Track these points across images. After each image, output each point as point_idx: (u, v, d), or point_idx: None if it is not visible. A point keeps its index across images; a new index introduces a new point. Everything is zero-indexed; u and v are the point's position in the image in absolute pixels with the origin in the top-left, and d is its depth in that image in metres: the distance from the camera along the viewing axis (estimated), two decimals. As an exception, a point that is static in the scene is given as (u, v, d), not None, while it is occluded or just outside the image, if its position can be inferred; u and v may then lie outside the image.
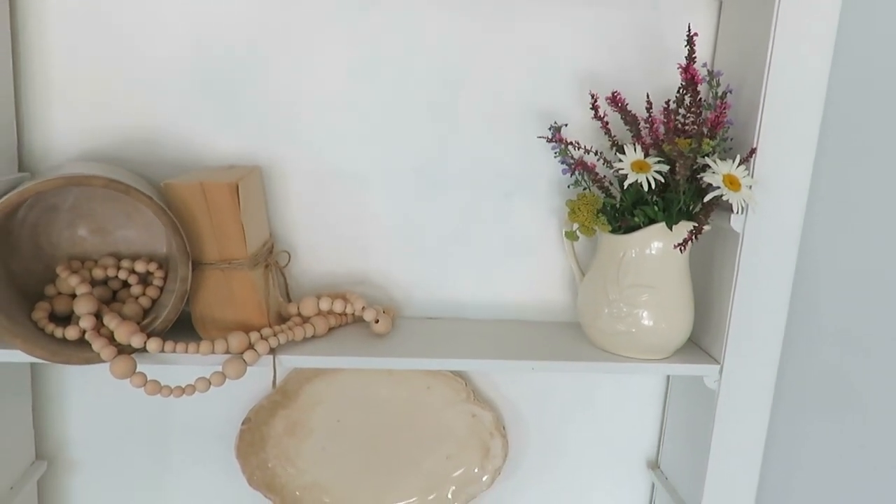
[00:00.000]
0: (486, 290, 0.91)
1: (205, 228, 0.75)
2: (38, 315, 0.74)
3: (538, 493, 0.98)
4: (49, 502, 0.92)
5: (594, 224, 0.80)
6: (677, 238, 0.76)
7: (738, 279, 0.79)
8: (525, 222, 0.89)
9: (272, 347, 0.76)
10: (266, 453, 0.91)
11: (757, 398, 0.83)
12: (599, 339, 0.83)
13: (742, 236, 0.78)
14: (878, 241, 0.96)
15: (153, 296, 0.79)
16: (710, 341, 0.85)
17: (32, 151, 0.82)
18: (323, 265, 0.89)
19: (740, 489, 0.85)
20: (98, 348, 0.71)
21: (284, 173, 0.86)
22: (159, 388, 0.73)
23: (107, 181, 0.69)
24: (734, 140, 0.80)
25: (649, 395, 0.97)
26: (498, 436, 0.93)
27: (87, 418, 0.90)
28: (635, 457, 0.99)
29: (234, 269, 0.76)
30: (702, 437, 0.85)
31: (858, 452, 1.04)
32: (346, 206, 0.87)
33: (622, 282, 0.79)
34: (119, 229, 0.81)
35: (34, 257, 0.78)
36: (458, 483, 0.94)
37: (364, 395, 0.92)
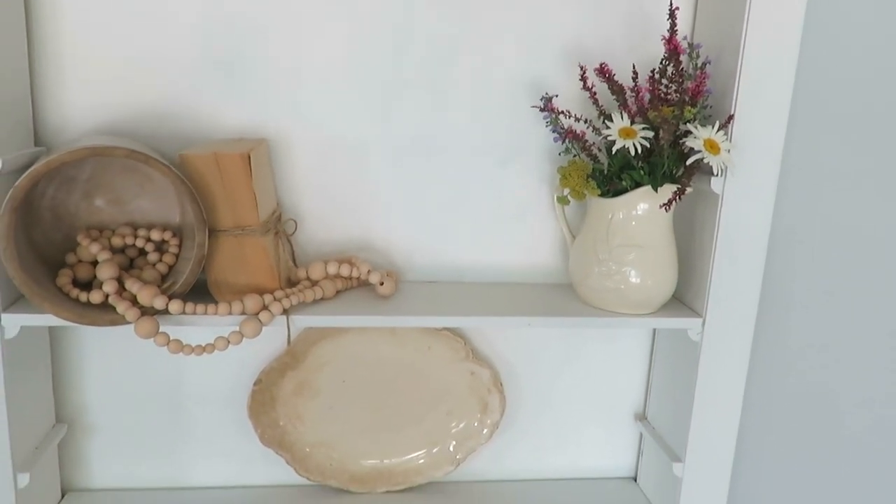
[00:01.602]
0: (482, 255, 0.96)
1: (218, 197, 0.79)
2: (63, 281, 0.78)
3: (533, 445, 1.04)
4: (69, 464, 0.96)
5: (584, 189, 0.85)
6: (662, 199, 0.82)
7: (718, 238, 0.85)
8: (518, 189, 0.94)
9: (285, 308, 0.81)
10: (276, 412, 0.96)
11: (737, 349, 0.89)
12: (590, 297, 0.89)
13: (722, 197, 0.84)
14: (847, 198, 1.02)
15: (169, 262, 0.83)
16: (692, 297, 0.91)
17: (47, 126, 0.86)
18: (327, 233, 0.93)
19: (722, 435, 0.91)
20: (122, 310, 0.75)
21: (289, 145, 0.90)
22: (181, 347, 0.77)
23: (128, 151, 0.73)
24: (713, 108, 0.85)
25: (636, 351, 1.03)
26: (496, 392, 0.99)
27: (104, 383, 0.94)
28: (624, 409, 1.05)
29: (246, 236, 0.81)
30: (686, 387, 0.91)
31: (833, 396, 1.11)
32: (347, 176, 0.92)
33: (611, 242, 0.85)
34: (134, 200, 0.85)
35: (54, 227, 0.82)
36: (458, 437, 1.00)
37: (368, 356, 0.97)
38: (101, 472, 0.97)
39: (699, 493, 0.93)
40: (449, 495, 1.01)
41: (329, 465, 0.99)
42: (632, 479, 1.07)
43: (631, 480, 1.07)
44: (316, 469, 0.98)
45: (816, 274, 1.04)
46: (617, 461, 1.07)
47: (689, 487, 0.92)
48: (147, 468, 0.98)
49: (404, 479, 1.00)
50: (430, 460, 1.00)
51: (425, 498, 1.00)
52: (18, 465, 0.82)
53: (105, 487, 0.98)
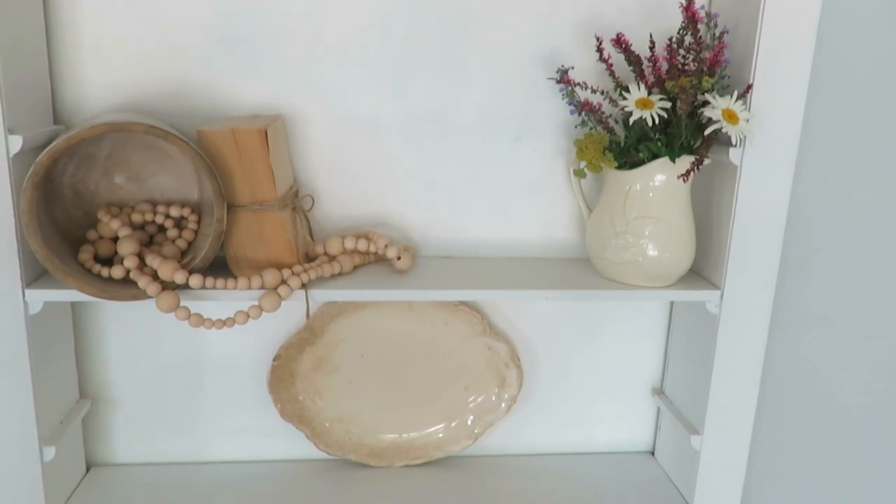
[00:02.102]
0: (498, 230, 0.96)
1: (236, 172, 0.80)
2: (84, 257, 0.79)
3: (550, 420, 1.05)
4: (93, 439, 0.98)
5: (601, 161, 0.85)
6: (680, 171, 0.81)
7: (736, 209, 0.84)
8: (534, 163, 0.94)
9: (303, 283, 0.81)
10: (296, 388, 0.97)
11: (755, 321, 0.88)
12: (607, 270, 0.88)
13: (740, 169, 0.83)
14: (867, 170, 1.01)
15: (189, 238, 0.84)
16: (710, 269, 0.90)
17: (65, 104, 0.86)
18: (343, 209, 0.93)
19: (740, 407, 0.91)
20: (144, 285, 0.76)
21: (305, 121, 0.90)
22: (202, 321, 0.78)
23: (147, 127, 0.74)
24: (731, 78, 0.84)
25: (653, 325, 1.03)
26: (513, 366, 0.99)
27: (126, 360, 0.95)
28: (641, 383, 1.05)
29: (264, 211, 0.81)
30: (704, 360, 0.91)
31: (851, 369, 1.10)
32: (363, 152, 0.92)
33: (628, 214, 0.85)
34: (153, 177, 0.85)
35: (75, 205, 0.83)
36: (476, 412, 1.01)
37: (385, 332, 0.97)
38: (125, 447, 0.99)
39: (717, 465, 0.93)
40: (467, 469, 1.02)
41: (348, 439, 1.00)
42: (649, 454, 1.08)
43: (648, 454, 1.08)
44: (335, 443, 0.99)
45: (836, 245, 1.03)
46: (634, 435, 1.07)
47: (706, 460, 0.93)
48: (169, 443, 0.99)
49: (423, 453, 1.01)
50: (449, 434, 1.01)
51: (444, 472, 1.01)
52: (44, 439, 0.84)
53: (128, 462, 0.99)
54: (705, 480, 0.93)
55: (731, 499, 0.95)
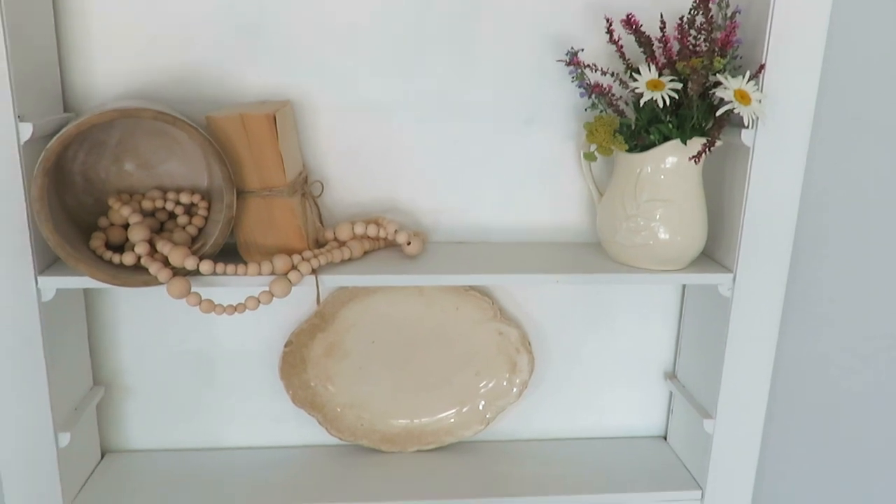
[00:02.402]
0: (508, 215, 0.96)
1: (245, 158, 0.80)
2: (96, 244, 0.79)
3: (562, 405, 1.05)
4: (108, 426, 0.99)
5: (611, 144, 0.84)
6: (691, 152, 0.81)
7: (749, 191, 0.84)
8: (544, 147, 0.94)
9: (314, 268, 0.81)
10: (307, 374, 0.98)
11: (768, 304, 0.88)
12: (618, 253, 0.88)
13: (752, 150, 0.82)
14: (882, 151, 1.00)
15: (199, 225, 0.84)
16: (722, 253, 0.90)
17: (75, 92, 0.87)
18: (353, 195, 0.93)
19: (753, 390, 0.91)
20: (155, 271, 0.76)
21: (314, 107, 0.90)
22: (213, 307, 0.78)
23: (156, 113, 0.74)
24: (743, 58, 0.83)
25: (665, 309, 1.02)
26: (524, 351, 0.99)
27: (139, 346, 0.96)
28: (653, 368, 1.05)
29: (274, 197, 0.81)
30: (716, 344, 0.91)
31: (866, 350, 1.09)
32: (372, 137, 0.92)
33: (639, 197, 0.84)
34: (162, 164, 0.85)
35: (85, 192, 0.83)
36: (487, 397, 1.01)
37: (396, 317, 0.97)
38: (138, 433, 0.99)
39: (730, 449, 0.93)
40: (479, 454, 1.02)
41: (360, 425, 1.00)
42: (661, 438, 1.07)
43: (660, 439, 1.07)
44: (347, 429, 0.99)
45: (850, 227, 1.02)
46: (646, 420, 1.07)
47: (719, 444, 0.92)
48: (182, 429, 1.00)
49: (434, 438, 1.01)
50: (460, 420, 1.01)
51: (456, 457, 1.01)
52: (59, 425, 0.84)
53: (142, 448, 1.00)
54: (718, 464, 0.93)
55: (745, 482, 0.95)
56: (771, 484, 1.12)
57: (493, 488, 0.94)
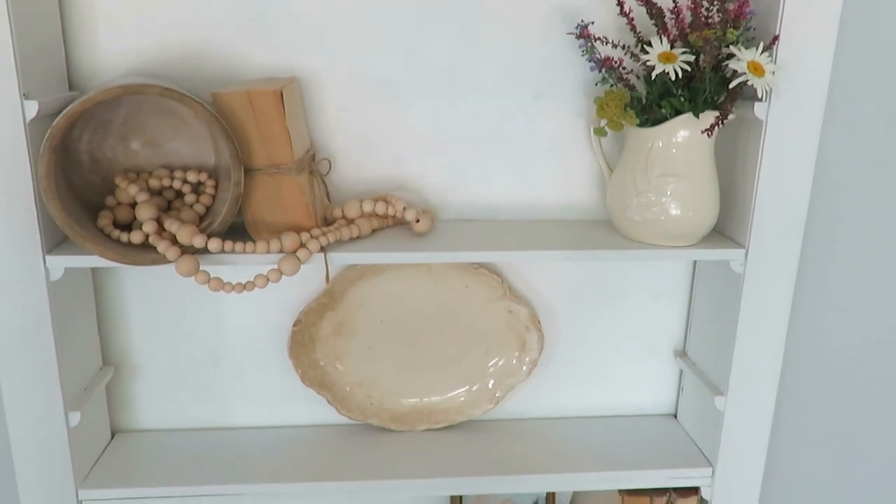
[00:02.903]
0: (517, 192, 0.95)
1: (252, 135, 0.79)
2: (104, 222, 0.79)
3: (572, 383, 1.04)
4: (117, 406, 0.99)
5: (622, 119, 0.83)
6: (703, 126, 0.80)
7: (762, 165, 0.83)
8: (553, 123, 0.93)
9: (322, 246, 0.81)
10: (316, 353, 0.97)
11: (781, 280, 0.87)
12: (629, 230, 0.87)
13: (765, 123, 0.81)
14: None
15: (206, 203, 0.83)
16: (734, 229, 0.89)
17: (80, 71, 0.86)
18: (360, 173, 0.93)
19: (765, 367, 0.90)
20: (163, 250, 0.76)
21: (319, 84, 0.89)
22: (222, 285, 0.78)
23: (162, 89, 0.73)
24: (756, 30, 0.82)
25: (675, 286, 1.01)
26: (534, 330, 0.98)
27: (148, 327, 0.96)
28: (663, 346, 1.04)
29: (281, 174, 0.81)
30: (728, 321, 0.90)
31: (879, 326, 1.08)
32: (379, 114, 0.91)
33: (650, 172, 0.83)
34: (169, 142, 0.85)
35: (92, 171, 0.83)
36: (497, 376, 1.00)
37: (405, 296, 0.97)
38: (148, 413, 1.00)
39: (741, 426, 0.92)
40: (489, 433, 1.02)
41: (369, 404, 1.00)
42: (671, 416, 1.07)
43: (671, 417, 1.07)
44: (357, 408, 0.99)
45: (864, 201, 1.01)
46: (656, 398, 1.07)
47: (731, 421, 0.92)
48: (192, 409, 1.00)
49: (444, 417, 1.01)
50: (470, 398, 1.01)
51: (466, 435, 1.01)
52: (69, 405, 0.84)
53: (152, 428, 1.00)
54: (729, 441, 0.93)
55: (756, 459, 0.94)
56: (782, 462, 1.12)
57: (503, 466, 0.94)
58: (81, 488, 0.87)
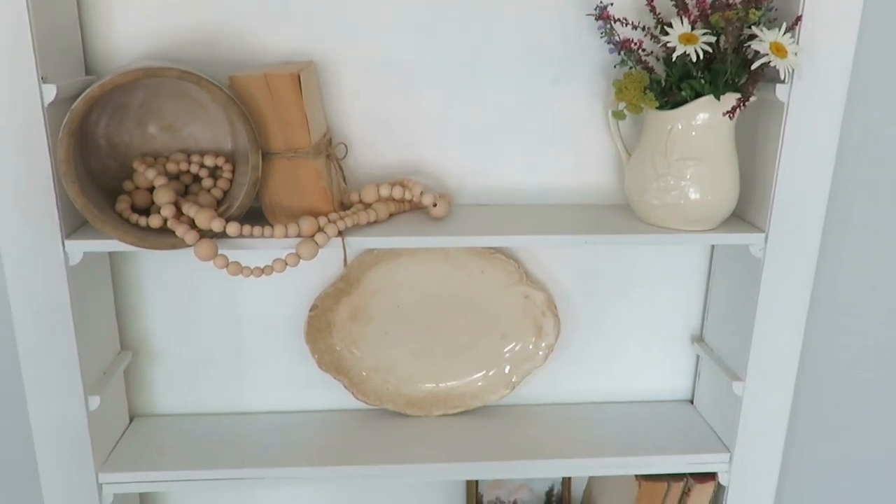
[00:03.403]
0: (535, 176, 0.94)
1: (269, 118, 0.79)
2: (122, 207, 0.79)
3: (588, 369, 1.04)
4: (135, 391, 0.99)
5: (641, 101, 0.83)
6: (724, 108, 0.79)
7: (783, 149, 0.82)
8: (571, 107, 0.92)
9: (340, 230, 0.81)
10: (333, 338, 0.97)
11: (800, 265, 0.86)
12: (648, 214, 0.87)
13: (787, 106, 0.80)
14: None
15: (224, 188, 0.83)
16: (754, 212, 0.88)
17: (97, 56, 0.86)
18: (377, 157, 0.92)
19: (784, 352, 0.90)
20: (181, 234, 0.76)
21: (337, 68, 0.88)
22: (241, 269, 0.78)
23: (180, 72, 0.73)
24: (779, 11, 0.81)
25: (693, 271, 1.01)
26: (550, 315, 0.98)
27: (165, 312, 0.96)
28: (680, 331, 1.04)
29: (299, 158, 0.80)
30: (746, 306, 0.90)
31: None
32: (396, 99, 0.90)
33: (670, 156, 0.82)
34: (186, 126, 0.84)
35: (109, 155, 0.83)
36: (513, 361, 1.00)
37: (422, 281, 0.97)
38: (166, 397, 1.00)
39: (759, 412, 0.92)
40: (505, 418, 1.01)
41: (386, 389, 1.00)
42: (688, 402, 1.07)
43: (687, 403, 1.06)
44: (373, 393, 0.99)
45: (887, 184, 1.00)
46: (673, 384, 1.06)
47: (748, 406, 0.91)
48: (209, 394, 1.00)
49: (460, 402, 1.01)
50: (486, 383, 1.01)
51: (481, 421, 1.01)
52: (89, 389, 0.85)
53: (170, 413, 1.01)
54: (747, 427, 0.92)
55: (774, 444, 0.94)
56: (801, 449, 1.11)
57: (519, 451, 0.94)
58: (101, 472, 0.88)
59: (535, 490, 1.08)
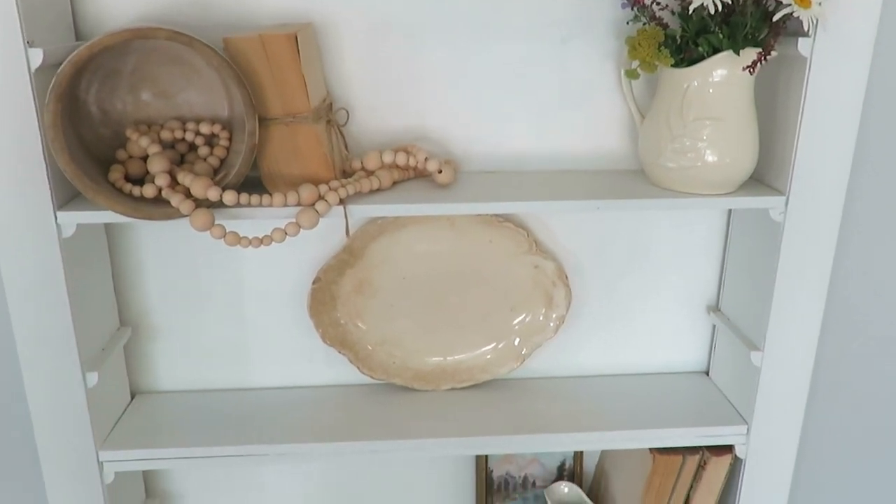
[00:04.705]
0: (544, 141, 0.91)
1: (266, 82, 0.75)
2: (115, 176, 0.76)
3: (600, 340, 1.01)
4: (136, 367, 0.97)
5: (656, 59, 0.79)
6: (744, 63, 0.75)
7: (805, 106, 0.78)
8: (581, 68, 0.88)
9: (341, 198, 0.78)
10: (337, 312, 0.95)
11: (823, 229, 0.83)
12: (663, 178, 0.83)
13: (810, 61, 0.76)
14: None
15: (220, 156, 0.80)
16: (773, 175, 0.84)
17: (86, 20, 0.82)
18: (380, 123, 0.89)
19: (805, 320, 0.87)
20: (177, 203, 0.73)
21: (336, 31, 0.85)
22: (238, 239, 0.75)
23: (171, 33, 0.69)
24: (801, -40, 0.77)
25: (708, 238, 0.97)
26: (561, 285, 0.95)
27: (165, 286, 0.94)
28: (695, 301, 1.00)
29: (298, 123, 0.77)
30: (766, 273, 0.86)
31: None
32: (398, 62, 0.87)
33: (686, 116, 0.79)
34: (180, 93, 0.81)
35: (102, 123, 0.80)
36: (523, 333, 0.97)
37: (427, 252, 0.94)
38: (168, 374, 0.98)
39: (778, 381, 0.89)
40: (515, 391, 0.99)
41: (392, 363, 0.97)
42: (703, 373, 1.04)
43: (702, 374, 1.04)
44: (379, 367, 0.97)
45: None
46: (688, 355, 1.03)
47: (767, 376, 0.89)
48: (211, 370, 0.98)
49: (469, 376, 0.98)
50: (495, 356, 0.98)
51: (491, 394, 0.98)
52: (87, 365, 0.82)
53: (171, 389, 0.98)
54: (766, 398, 0.89)
55: (793, 416, 0.91)
56: (822, 418, 1.08)
57: (530, 425, 0.92)
58: (101, 450, 0.86)
59: (547, 465, 1.06)
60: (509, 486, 1.06)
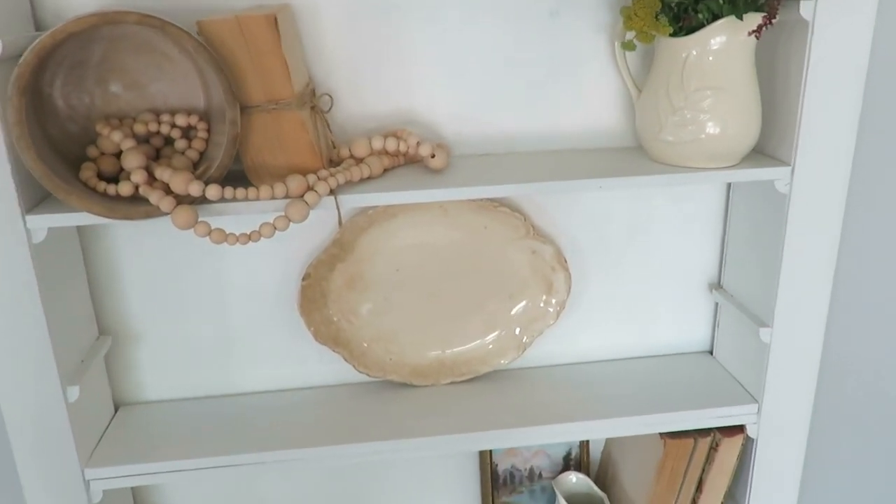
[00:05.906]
0: (536, 120, 0.87)
1: (245, 67, 0.71)
2: (87, 174, 0.71)
3: (602, 324, 0.98)
4: (119, 378, 0.92)
5: (653, 29, 0.75)
6: (746, 29, 0.72)
7: (808, 73, 0.75)
8: (572, 41, 0.84)
9: (332, 188, 0.73)
10: (329, 308, 0.90)
11: (830, 199, 0.80)
12: (663, 153, 0.80)
13: (812, 25, 0.73)
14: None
15: (199, 148, 0.75)
16: (776, 145, 0.82)
17: (46, 11, 0.77)
18: (365, 108, 0.85)
19: (814, 294, 0.84)
20: (156, 200, 0.68)
21: (315, 12, 0.80)
22: (225, 237, 0.70)
23: (140, 16, 0.65)
24: (800, -81, 0.74)
25: (708, 214, 0.95)
26: (560, 269, 0.92)
27: (145, 290, 0.89)
28: (696, 280, 0.98)
29: (281, 110, 0.73)
30: (772, 246, 0.84)
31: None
32: (382, 42, 0.82)
33: (686, 87, 0.76)
34: (153, 83, 0.76)
35: (69, 119, 0.74)
36: (523, 321, 0.94)
37: (421, 241, 0.90)
38: (153, 383, 0.93)
39: (789, 357, 0.87)
40: (517, 382, 0.96)
41: (388, 359, 0.93)
42: (707, 353, 1.01)
43: (706, 354, 1.01)
44: (375, 364, 0.93)
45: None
46: (691, 335, 1.01)
47: (777, 353, 0.86)
48: (199, 376, 0.93)
49: (468, 368, 0.95)
50: (495, 347, 0.95)
51: (492, 387, 0.95)
52: (66, 378, 0.77)
53: (157, 399, 0.94)
54: (776, 375, 0.87)
55: (804, 393, 0.89)
56: (835, 391, 1.05)
57: (534, 417, 0.89)
58: (87, 467, 0.81)
59: (553, 455, 1.03)
60: (515, 479, 1.03)
